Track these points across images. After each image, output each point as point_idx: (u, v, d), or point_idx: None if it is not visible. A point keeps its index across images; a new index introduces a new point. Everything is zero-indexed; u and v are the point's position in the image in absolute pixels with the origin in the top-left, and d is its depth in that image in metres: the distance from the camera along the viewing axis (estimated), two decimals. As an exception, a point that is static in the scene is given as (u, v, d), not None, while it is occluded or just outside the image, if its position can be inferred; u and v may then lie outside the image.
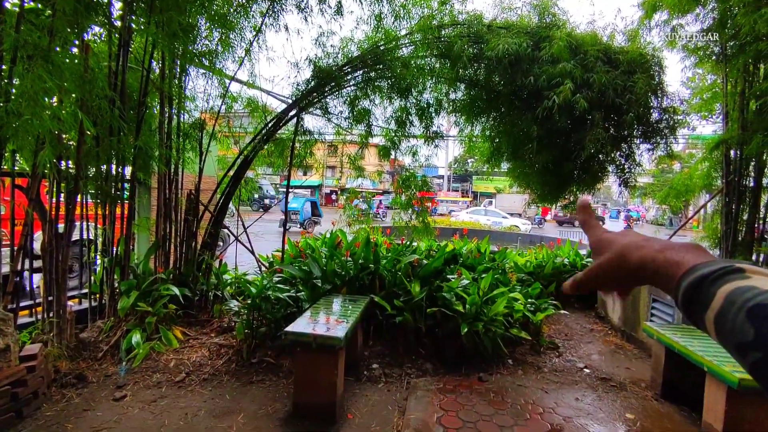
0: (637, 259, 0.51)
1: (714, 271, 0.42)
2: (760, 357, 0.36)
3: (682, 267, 0.46)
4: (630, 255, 0.52)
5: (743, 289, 0.39)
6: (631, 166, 5.33)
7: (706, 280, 0.43)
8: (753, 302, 0.37)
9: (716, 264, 0.43)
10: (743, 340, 0.37)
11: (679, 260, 0.47)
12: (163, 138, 4.22)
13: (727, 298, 0.40)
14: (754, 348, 0.36)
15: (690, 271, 0.45)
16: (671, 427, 3.04)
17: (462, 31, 4.74)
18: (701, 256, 0.47)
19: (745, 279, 0.40)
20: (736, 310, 0.38)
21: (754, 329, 0.36)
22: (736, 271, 0.41)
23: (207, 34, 4.25)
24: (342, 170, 6.12)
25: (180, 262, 4.60)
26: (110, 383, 3.28)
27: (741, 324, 0.38)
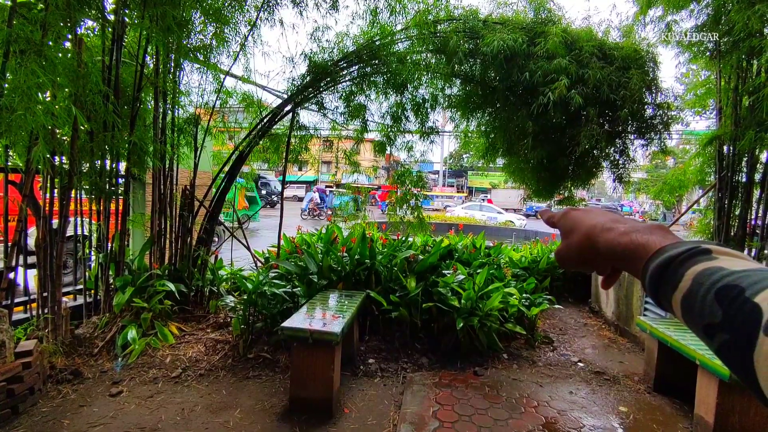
0: (604, 243, 0.51)
1: (681, 252, 0.42)
2: (728, 338, 0.36)
3: (649, 249, 0.46)
4: (597, 238, 0.52)
5: (711, 270, 0.39)
6: (626, 162, 5.36)
7: (674, 261, 0.42)
8: (721, 283, 0.37)
9: (683, 245, 0.43)
10: (711, 321, 0.37)
11: (644, 242, 0.46)
12: (158, 133, 4.19)
13: (695, 280, 0.40)
14: (722, 329, 0.36)
15: (657, 252, 0.44)
16: (663, 419, 3.09)
17: (457, 26, 4.73)
18: (667, 238, 0.46)
19: (713, 260, 0.40)
20: (704, 291, 0.38)
21: (722, 310, 0.36)
22: (703, 252, 0.41)
23: (201, 29, 4.22)
24: (337, 166, 6.12)
25: (175, 257, 4.59)
26: (106, 379, 3.28)
27: (709, 305, 0.37)
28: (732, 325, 0.35)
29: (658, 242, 0.46)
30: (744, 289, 0.35)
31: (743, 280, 0.36)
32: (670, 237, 0.47)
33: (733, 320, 0.35)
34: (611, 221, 0.52)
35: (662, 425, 3.00)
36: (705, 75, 6.06)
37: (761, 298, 0.34)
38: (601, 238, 0.51)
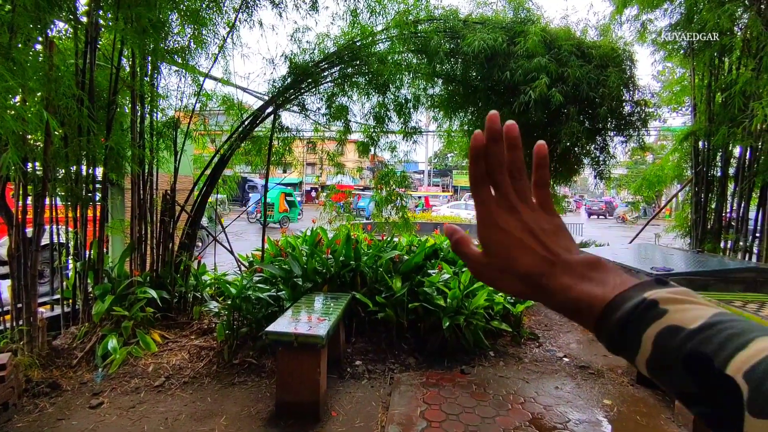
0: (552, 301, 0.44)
1: (630, 312, 0.38)
2: (709, 412, 0.34)
3: (594, 306, 0.41)
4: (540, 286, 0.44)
5: (668, 332, 0.36)
6: (606, 159, 5.46)
7: (626, 324, 0.38)
8: (686, 351, 0.35)
9: (629, 300, 0.39)
10: (685, 390, 0.35)
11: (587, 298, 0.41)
12: (136, 137, 4.11)
13: (655, 345, 0.37)
14: (700, 402, 0.34)
15: (605, 314, 0.40)
16: (647, 411, 3.14)
17: (438, 26, 4.75)
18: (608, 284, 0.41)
19: (663, 316, 0.37)
20: (670, 359, 0.36)
21: (695, 383, 0.34)
22: (651, 306, 0.38)
23: (179, 31, 4.15)
24: (322, 167, 6.08)
25: (157, 264, 4.50)
26: (86, 391, 3.20)
27: (679, 375, 0.35)
28: (711, 401, 0.33)
29: (599, 294, 0.41)
30: (711, 359, 0.33)
31: (706, 345, 0.34)
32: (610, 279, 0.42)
33: (712, 396, 0.33)
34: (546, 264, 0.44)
35: (645, 416, 3.06)
36: (680, 72, 6.21)
37: (733, 369, 0.32)
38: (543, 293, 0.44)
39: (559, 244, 0.45)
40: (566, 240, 0.46)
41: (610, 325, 0.39)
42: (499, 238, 0.45)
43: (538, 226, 0.45)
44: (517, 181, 0.46)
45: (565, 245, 0.45)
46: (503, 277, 0.46)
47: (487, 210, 0.46)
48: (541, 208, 0.47)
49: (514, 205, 0.46)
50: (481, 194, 0.46)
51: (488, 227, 0.46)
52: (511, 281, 0.46)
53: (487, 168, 0.46)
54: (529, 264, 0.44)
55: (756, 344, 0.32)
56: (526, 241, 0.45)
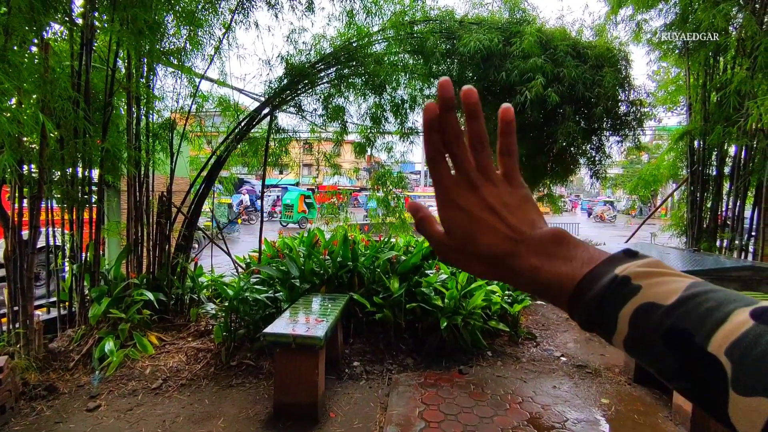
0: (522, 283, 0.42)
1: (602, 292, 0.37)
2: (690, 388, 0.33)
3: (564, 286, 0.39)
4: (506, 267, 0.42)
5: (644, 310, 0.35)
6: (602, 158, 5.48)
7: (599, 305, 0.37)
8: (665, 327, 0.34)
9: (600, 278, 0.37)
10: (665, 368, 0.34)
11: (555, 279, 0.39)
12: (132, 139, 4.10)
13: (631, 324, 0.35)
14: (680, 378, 0.34)
15: (577, 294, 0.38)
16: (644, 409, 3.15)
17: (434, 26, 4.76)
18: (575, 260, 0.40)
19: (638, 293, 0.36)
20: (648, 337, 0.35)
21: (675, 359, 0.33)
22: (623, 283, 0.36)
23: (175, 32, 4.14)
24: (318, 168, 6.08)
25: (153, 266, 4.48)
26: (83, 393, 3.18)
27: (659, 351, 0.34)
28: (693, 378, 0.33)
29: (568, 272, 0.39)
30: (692, 335, 0.32)
31: (685, 321, 0.33)
32: (576, 253, 0.40)
33: (693, 373, 0.32)
34: (511, 242, 0.41)
35: (643, 415, 3.07)
36: (675, 72, 6.24)
37: (715, 347, 0.31)
38: (511, 275, 0.42)
39: (524, 220, 0.42)
40: (531, 213, 0.43)
41: (583, 305, 0.38)
42: (459, 219, 0.43)
43: (501, 202, 0.42)
44: (478, 153, 0.43)
45: (529, 220, 0.43)
46: (467, 259, 0.44)
47: (445, 188, 0.43)
48: (505, 179, 0.44)
49: (474, 181, 0.42)
50: (439, 171, 0.43)
51: (447, 207, 0.43)
52: (476, 263, 0.43)
53: (443, 141, 0.42)
54: (491, 245, 0.42)
55: (735, 317, 0.31)
56: (488, 221, 0.42)
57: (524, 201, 0.44)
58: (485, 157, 0.43)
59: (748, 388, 0.29)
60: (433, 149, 0.42)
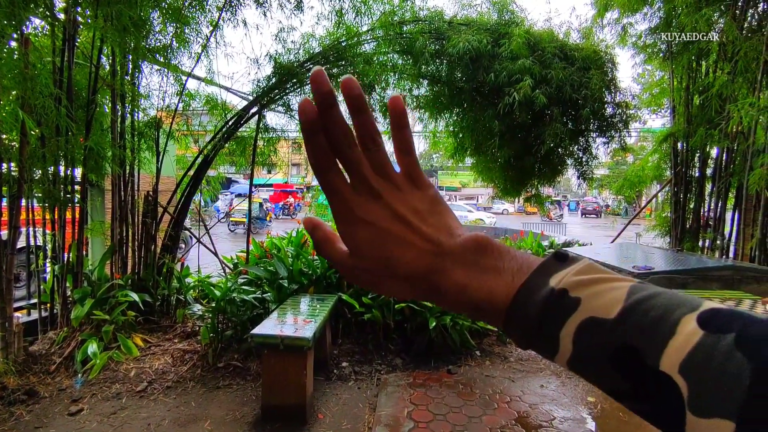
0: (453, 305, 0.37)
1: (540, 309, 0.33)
2: (647, 409, 0.30)
3: (495, 304, 0.34)
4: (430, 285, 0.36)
5: (586, 327, 0.31)
6: (589, 159, 5.54)
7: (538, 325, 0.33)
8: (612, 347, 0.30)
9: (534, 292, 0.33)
10: (616, 389, 0.31)
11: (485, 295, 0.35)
12: (116, 137, 4.02)
13: (575, 343, 0.32)
14: (633, 399, 0.31)
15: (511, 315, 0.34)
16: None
17: (423, 27, 4.77)
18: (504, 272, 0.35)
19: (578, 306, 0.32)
20: (595, 358, 0.31)
21: (626, 381, 0.30)
22: (560, 297, 0.32)
23: (161, 29, 4.08)
24: (307, 168, 6.04)
25: (139, 266, 4.41)
26: (65, 397, 3.11)
27: (607, 374, 0.31)
28: (647, 399, 0.30)
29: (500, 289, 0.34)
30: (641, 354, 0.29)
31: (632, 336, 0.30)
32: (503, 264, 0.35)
33: (647, 394, 0.30)
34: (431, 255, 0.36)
35: (628, 413, 3.11)
36: (659, 75, 6.35)
37: (667, 365, 0.28)
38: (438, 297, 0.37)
39: (439, 227, 0.36)
40: (446, 218, 0.38)
41: (519, 325, 0.34)
42: (364, 235, 0.36)
43: (410, 209, 0.36)
44: (373, 153, 0.36)
45: (446, 226, 0.37)
46: (383, 282, 0.37)
47: (341, 200, 0.36)
48: (409, 181, 0.38)
49: (374, 186, 0.36)
50: (329, 180, 0.36)
51: (347, 222, 0.36)
52: (394, 284, 0.37)
53: (330, 143, 0.35)
54: (408, 261, 0.35)
55: (683, 327, 0.29)
56: (398, 233, 0.35)
57: (435, 204, 0.38)
58: (381, 157, 0.37)
59: (705, 409, 0.27)
60: (319, 154, 0.35)
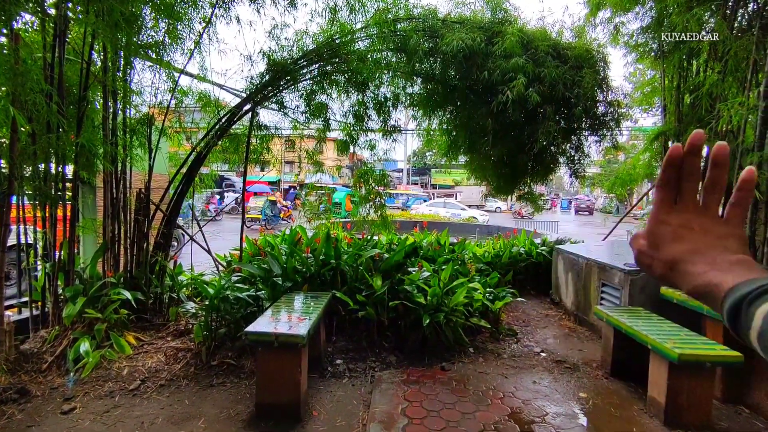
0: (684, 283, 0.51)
1: (750, 292, 0.43)
2: None
3: (722, 288, 0.46)
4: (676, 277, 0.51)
5: None
6: (581, 158, 5.58)
7: (743, 300, 0.43)
8: None
9: (755, 283, 0.44)
10: None
11: (719, 282, 0.47)
12: (108, 134, 3.99)
13: (765, 318, 0.41)
14: None
15: (730, 292, 0.45)
16: (620, 402, 3.24)
17: (417, 25, 4.77)
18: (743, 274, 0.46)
19: None
20: None
21: None
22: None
23: (153, 25, 4.04)
24: (300, 165, 6.03)
25: (131, 264, 4.38)
26: (57, 396, 3.09)
27: None
28: None
29: (730, 281, 0.46)
30: None
31: None
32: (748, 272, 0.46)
33: None
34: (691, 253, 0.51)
35: (619, 408, 3.15)
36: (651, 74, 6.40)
37: None
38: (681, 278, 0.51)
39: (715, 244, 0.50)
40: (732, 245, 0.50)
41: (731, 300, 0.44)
42: (662, 231, 0.53)
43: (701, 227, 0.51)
44: (710, 195, 0.52)
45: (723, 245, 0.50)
46: (654, 263, 0.54)
47: (660, 208, 0.54)
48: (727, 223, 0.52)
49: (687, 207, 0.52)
50: (661, 195, 0.53)
51: (657, 222, 0.54)
52: (659, 265, 0.53)
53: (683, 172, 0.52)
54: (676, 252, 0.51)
55: None
56: (683, 235, 0.51)
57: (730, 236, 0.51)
58: (714, 201, 0.53)
59: None
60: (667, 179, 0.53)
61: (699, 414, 2.88)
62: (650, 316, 3.60)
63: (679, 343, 2.89)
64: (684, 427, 2.85)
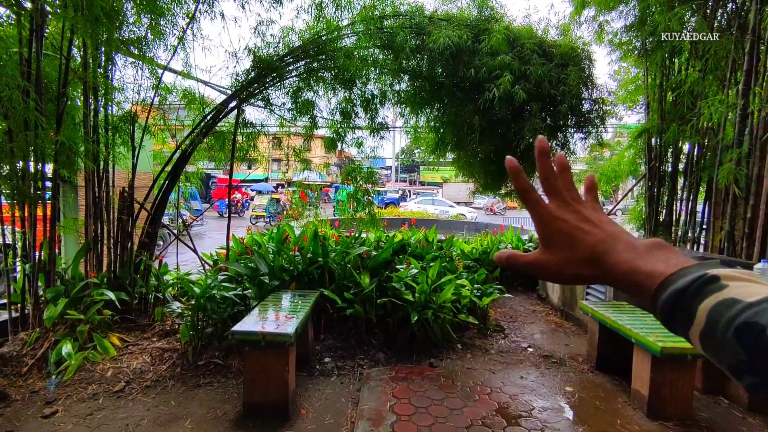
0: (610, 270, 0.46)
1: (689, 284, 0.39)
2: (757, 382, 0.34)
3: (654, 279, 0.42)
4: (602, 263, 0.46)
5: (725, 304, 0.37)
6: (567, 154, 5.63)
7: (682, 295, 0.39)
8: (739, 320, 0.35)
9: (689, 274, 0.40)
10: (735, 361, 0.35)
11: (648, 271, 0.43)
12: (89, 132, 3.90)
13: (709, 316, 0.37)
14: (748, 372, 0.34)
15: (663, 285, 0.41)
16: (605, 396, 3.29)
17: (404, 22, 4.76)
18: (670, 261, 0.43)
19: (723, 289, 0.38)
20: (722, 329, 0.36)
21: (745, 351, 0.34)
22: (711, 281, 0.39)
23: (135, 20, 3.96)
24: (288, 163, 5.99)
25: (115, 264, 4.30)
26: (38, 399, 3.03)
27: (730, 344, 0.35)
28: (759, 368, 0.33)
29: (661, 269, 0.42)
30: (764, 328, 0.33)
31: (761, 316, 0.34)
32: (673, 258, 0.43)
33: (760, 364, 0.33)
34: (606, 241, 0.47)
35: (604, 401, 3.20)
36: (634, 72, 6.49)
37: None
38: (606, 270, 0.46)
39: (610, 224, 0.48)
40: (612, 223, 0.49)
41: (668, 294, 0.41)
42: (560, 227, 0.49)
43: (596, 217, 0.49)
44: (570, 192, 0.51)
45: (613, 225, 0.48)
46: (567, 266, 0.49)
47: (542, 207, 0.50)
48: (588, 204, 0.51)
49: (570, 201, 0.50)
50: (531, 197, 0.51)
51: (547, 221, 0.50)
52: (576, 266, 0.48)
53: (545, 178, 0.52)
54: (592, 242, 0.47)
55: None
56: (586, 227, 0.48)
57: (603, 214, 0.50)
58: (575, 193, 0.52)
59: None
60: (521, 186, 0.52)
61: (681, 405, 2.94)
62: (634, 310, 3.65)
63: (661, 337, 2.94)
64: (667, 419, 2.91)
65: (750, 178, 3.91)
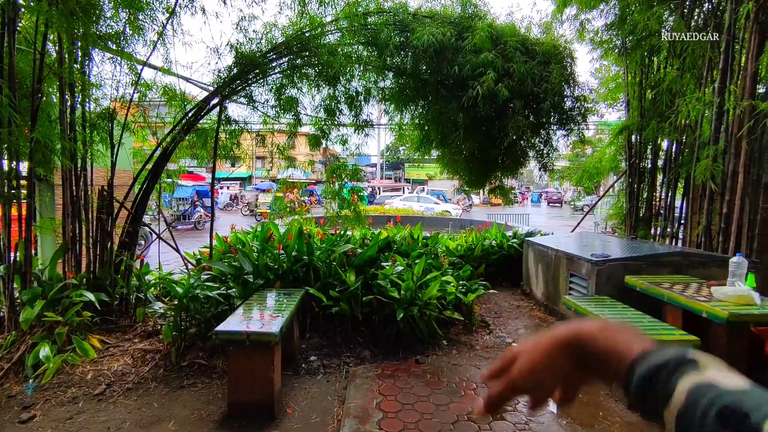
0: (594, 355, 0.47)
1: (668, 361, 0.40)
2: None
3: (627, 354, 0.43)
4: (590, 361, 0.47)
5: (705, 388, 0.37)
6: (549, 151, 5.71)
7: (661, 371, 0.39)
8: (721, 404, 0.35)
9: (667, 353, 0.41)
10: None
11: (623, 350, 0.43)
12: (66, 129, 3.80)
13: (689, 397, 0.37)
14: None
15: (640, 359, 0.41)
16: (587, 389, 3.34)
17: (388, 18, 4.75)
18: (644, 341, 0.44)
19: (702, 372, 0.38)
20: (702, 410, 0.36)
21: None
22: (690, 362, 0.39)
23: (112, 15, 3.87)
24: (272, 161, 5.93)
25: (94, 264, 4.21)
26: (15, 404, 2.95)
27: (711, 427, 0.35)
28: None
29: (636, 346, 0.43)
30: (748, 414, 0.33)
31: (744, 403, 0.34)
32: (646, 340, 0.44)
33: None
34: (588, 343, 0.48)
35: (586, 394, 3.26)
36: (615, 70, 6.61)
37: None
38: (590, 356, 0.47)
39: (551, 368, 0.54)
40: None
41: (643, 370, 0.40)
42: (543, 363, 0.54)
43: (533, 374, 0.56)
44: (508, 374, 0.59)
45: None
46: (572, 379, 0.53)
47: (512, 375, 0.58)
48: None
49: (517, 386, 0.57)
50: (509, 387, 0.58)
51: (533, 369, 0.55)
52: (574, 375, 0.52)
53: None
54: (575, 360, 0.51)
55: None
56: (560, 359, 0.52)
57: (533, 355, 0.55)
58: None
59: None
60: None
61: (660, 397, 3.01)
62: (615, 304, 3.73)
63: (641, 330, 3.00)
64: (647, 410, 2.97)
65: (726, 174, 4.01)
